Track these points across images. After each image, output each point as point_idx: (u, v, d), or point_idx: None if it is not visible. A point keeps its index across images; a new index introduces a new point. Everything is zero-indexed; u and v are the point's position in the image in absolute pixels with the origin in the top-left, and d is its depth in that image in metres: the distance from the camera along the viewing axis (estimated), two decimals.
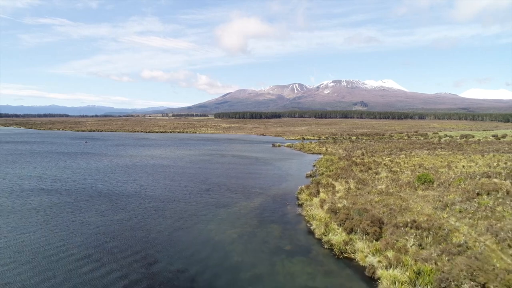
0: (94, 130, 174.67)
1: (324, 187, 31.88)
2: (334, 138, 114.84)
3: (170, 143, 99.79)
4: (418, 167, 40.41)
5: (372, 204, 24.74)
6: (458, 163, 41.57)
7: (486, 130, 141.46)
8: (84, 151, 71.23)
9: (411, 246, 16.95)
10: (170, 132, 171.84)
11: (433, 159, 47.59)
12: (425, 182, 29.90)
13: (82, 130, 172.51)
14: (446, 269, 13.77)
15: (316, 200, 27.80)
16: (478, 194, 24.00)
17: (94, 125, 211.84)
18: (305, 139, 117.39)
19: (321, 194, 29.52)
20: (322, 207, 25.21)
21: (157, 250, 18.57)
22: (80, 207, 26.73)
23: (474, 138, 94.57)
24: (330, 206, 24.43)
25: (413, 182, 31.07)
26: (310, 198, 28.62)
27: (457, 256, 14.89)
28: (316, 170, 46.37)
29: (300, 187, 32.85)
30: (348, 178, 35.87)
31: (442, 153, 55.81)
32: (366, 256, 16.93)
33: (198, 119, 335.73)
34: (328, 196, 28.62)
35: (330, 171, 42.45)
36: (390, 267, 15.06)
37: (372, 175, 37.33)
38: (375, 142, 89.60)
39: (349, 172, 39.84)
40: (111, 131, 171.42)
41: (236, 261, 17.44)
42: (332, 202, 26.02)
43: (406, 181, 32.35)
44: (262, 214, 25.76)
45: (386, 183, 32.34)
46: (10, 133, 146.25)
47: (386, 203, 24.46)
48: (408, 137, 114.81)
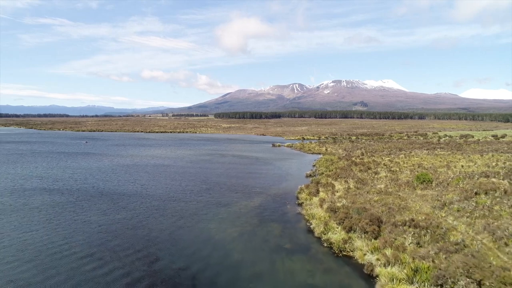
0: (94, 130, 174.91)
1: (323, 187, 32.11)
2: (334, 138, 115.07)
3: (171, 143, 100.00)
4: (417, 167, 40.67)
5: (371, 203, 24.98)
6: (457, 163, 41.84)
7: (485, 130, 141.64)
8: (84, 151, 71.46)
9: (409, 244, 17.21)
10: (170, 132, 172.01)
11: (432, 159, 47.84)
12: (424, 181, 30.15)
13: (83, 130, 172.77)
14: (443, 266, 14.02)
15: (315, 199, 28.04)
16: (476, 193, 24.27)
17: (94, 125, 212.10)
18: (305, 139, 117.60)
19: (320, 193, 29.76)
20: (321, 206, 25.46)
21: (158, 248, 18.81)
22: (82, 206, 26.97)
23: (473, 138, 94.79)
24: (330, 205, 24.67)
25: (412, 181, 31.31)
26: (309, 198, 28.85)
27: (454, 254, 15.15)
28: (316, 170, 46.58)
29: (300, 187, 33.08)
30: (347, 178, 36.11)
31: (441, 153, 56.05)
32: (365, 254, 17.18)
33: (198, 119, 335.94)
34: (327, 195, 28.85)
35: (329, 171, 42.68)
36: (388, 265, 15.30)
37: (371, 175, 37.57)
38: (375, 142, 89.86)
39: (348, 171, 40.08)
40: (111, 131, 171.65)
41: (236, 259, 17.67)
42: (331, 201, 26.27)
43: (405, 180, 32.59)
44: (262, 213, 26.00)
45: (385, 183, 32.58)
46: (11, 133, 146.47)
47: (385, 202, 24.72)
48: (407, 137, 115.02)
